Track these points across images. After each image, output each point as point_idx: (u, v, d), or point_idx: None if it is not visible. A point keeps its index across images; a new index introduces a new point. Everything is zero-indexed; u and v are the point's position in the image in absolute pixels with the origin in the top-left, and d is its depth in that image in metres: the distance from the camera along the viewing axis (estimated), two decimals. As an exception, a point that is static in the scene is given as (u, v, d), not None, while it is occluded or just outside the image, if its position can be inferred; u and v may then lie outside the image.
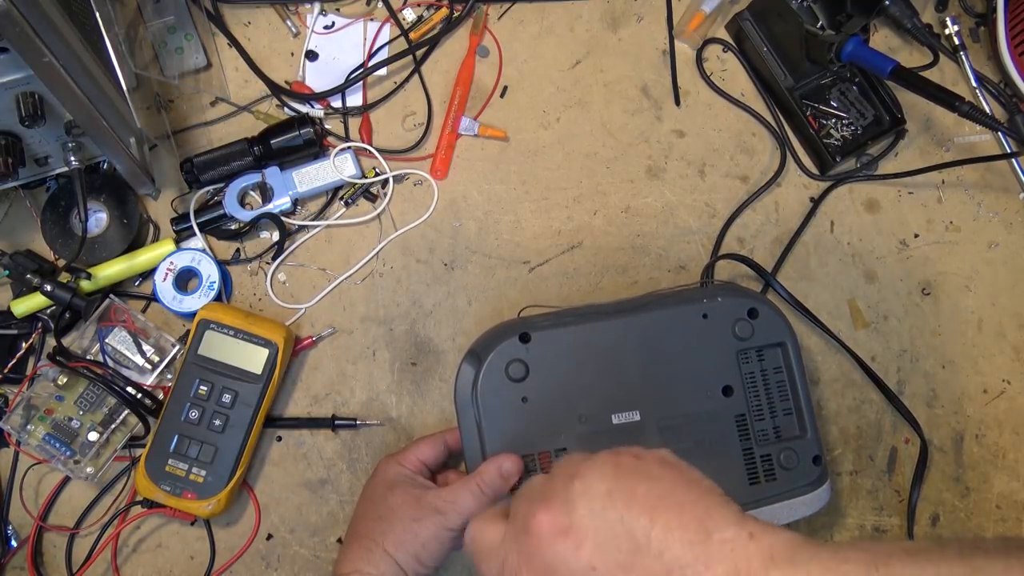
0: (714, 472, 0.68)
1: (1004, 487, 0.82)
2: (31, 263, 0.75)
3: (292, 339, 0.77)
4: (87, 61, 0.64)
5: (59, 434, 0.73)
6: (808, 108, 0.86)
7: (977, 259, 0.86)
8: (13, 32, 0.56)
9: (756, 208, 0.86)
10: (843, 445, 0.82)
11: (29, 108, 0.65)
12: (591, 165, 0.86)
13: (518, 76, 0.87)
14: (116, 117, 0.68)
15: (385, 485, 0.68)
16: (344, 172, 0.82)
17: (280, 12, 0.86)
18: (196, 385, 0.74)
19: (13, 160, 0.68)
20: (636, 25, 0.89)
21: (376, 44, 0.86)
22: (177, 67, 0.82)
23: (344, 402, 0.80)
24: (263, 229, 0.82)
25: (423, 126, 0.85)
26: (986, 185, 0.88)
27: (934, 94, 0.76)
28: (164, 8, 0.82)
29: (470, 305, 0.82)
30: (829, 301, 0.84)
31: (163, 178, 0.82)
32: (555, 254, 0.84)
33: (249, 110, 0.84)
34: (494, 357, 0.67)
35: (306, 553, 0.77)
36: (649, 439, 0.68)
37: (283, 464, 0.78)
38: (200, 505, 0.73)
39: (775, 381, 0.71)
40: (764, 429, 0.70)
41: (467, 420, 0.68)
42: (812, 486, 0.70)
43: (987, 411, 0.83)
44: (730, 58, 0.89)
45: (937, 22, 0.91)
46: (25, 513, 0.75)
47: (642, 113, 0.87)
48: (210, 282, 0.78)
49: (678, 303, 0.71)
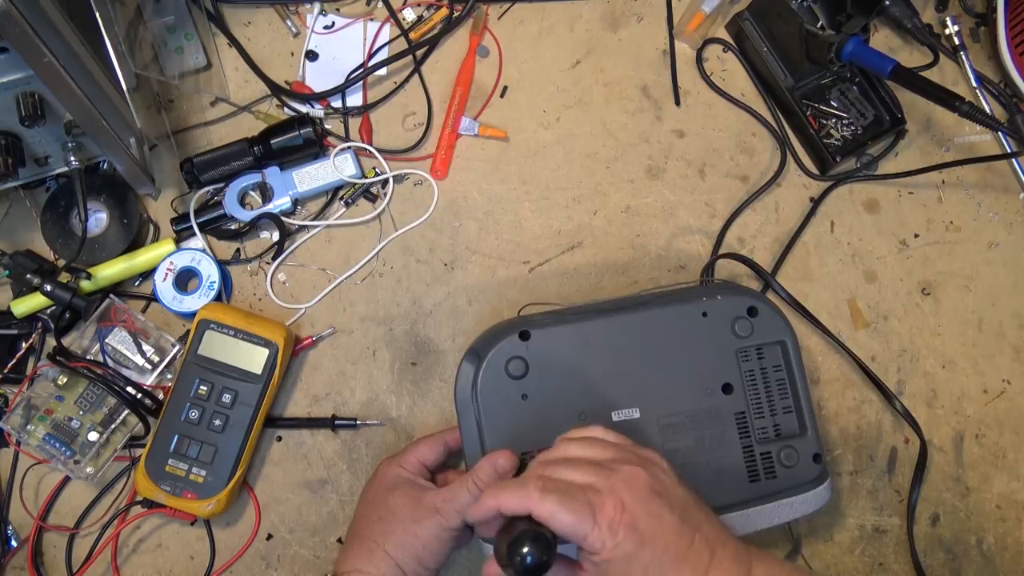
0: (714, 470, 0.68)
1: (1004, 487, 0.82)
2: (31, 263, 0.75)
3: (292, 339, 0.77)
4: (87, 61, 0.64)
5: (59, 434, 0.73)
6: (808, 108, 0.86)
7: (977, 259, 0.86)
8: (13, 32, 0.56)
9: (756, 208, 0.86)
10: (843, 445, 0.81)
11: (29, 108, 0.65)
12: (591, 165, 0.86)
13: (518, 76, 0.87)
14: (116, 117, 0.68)
15: (385, 487, 0.68)
16: (344, 172, 0.82)
17: (280, 12, 0.86)
18: (196, 385, 0.74)
19: (13, 160, 0.68)
20: (636, 25, 0.89)
21: (376, 44, 0.87)
22: (177, 67, 0.82)
23: (344, 402, 0.80)
24: (263, 229, 0.82)
25: (423, 126, 0.85)
26: (986, 185, 0.88)
27: (934, 94, 0.76)
28: (164, 8, 0.82)
29: (470, 305, 0.82)
30: (829, 301, 0.84)
31: (163, 178, 0.82)
32: (555, 254, 0.84)
33: (249, 110, 0.84)
34: (494, 354, 0.67)
35: (306, 553, 0.77)
36: (649, 436, 0.68)
37: (283, 464, 0.78)
38: (200, 505, 0.73)
39: (775, 379, 0.71)
40: (764, 427, 0.70)
41: (467, 417, 0.68)
42: (812, 484, 0.70)
43: (987, 411, 0.83)
44: (730, 58, 0.89)
45: (937, 22, 0.91)
46: (25, 513, 0.75)
47: (642, 113, 0.87)
48: (210, 282, 0.78)
49: (678, 301, 0.71)
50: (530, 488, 0.53)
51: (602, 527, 0.52)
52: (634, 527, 0.52)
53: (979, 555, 0.81)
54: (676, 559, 0.53)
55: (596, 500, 0.53)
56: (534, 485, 0.53)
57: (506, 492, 0.54)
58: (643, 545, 0.52)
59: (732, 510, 0.67)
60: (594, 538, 0.52)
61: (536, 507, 0.52)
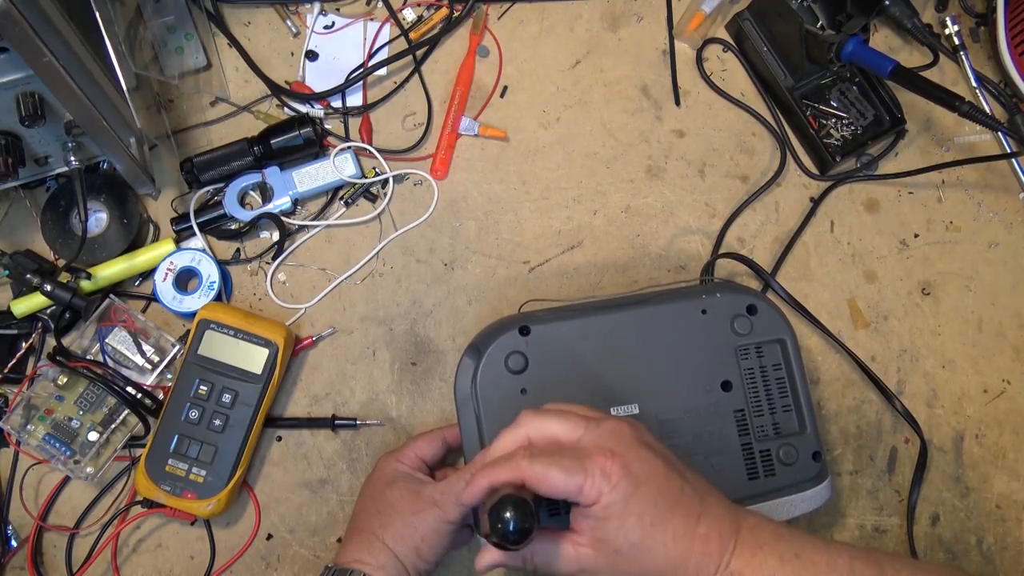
0: (713, 467, 0.68)
1: (1004, 487, 0.82)
2: (31, 263, 0.75)
3: (292, 339, 0.77)
4: (87, 61, 0.64)
5: (59, 434, 0.73)
6: (808, 108, 0.86)
7: (977, 259, 0.86)
8: (13, 32, 0.56)
9: (756, 208, 0.86)
10: (843, 445, 0.81)
11: (29, 108, 0.65)
12: (591, 165, 0.86)
13: (518, 76, 0.87)
14: (116, 117, 0.68)
15: (384, 481, 0.68)
16: (344, 172, 0.82)
17: (280, 12, 0.86)
18: (196, 385, 0.74)
19: (13, 160, 0.68)
20: (636, 25, 0.89)
21: (376, 44, 0.87)
22: (177, 67, 0.82)
23: (344, 402, 0.80)
24: (263, 229, 0.82)
25: (423, 126, 0.85)
26: (986, 185, 0.88)
27: (934, 94, 0.76)
28: (164, 8, 0.82)
29: (470, 305, 0.82)
30: (829, 301, 0.84)
31: (163, 178, 0.82)
32: (555, 254, 0.84)
33: (249, 110, 0.84)
34: (494, 349, 0.67)
35: (306, 553, 0.77)
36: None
37: (283, 464, 0.78)
38: (200, 505, 0.73)
39: (774, 377, 0.71)
40: (763, 425, 0.70)
41: (466, 412, 0.68)
42: (812, 482, 0.70)
43: (987, 411, 0.83)
44: (730, 58, 0.89)
45: (937, 22, 0.91)
46: (25, 513, 0.75)
47: (642, 113, 0.87)
48: (210, 282, 0.78)
49: (677, 299, 0.71)
50: (518, 457, 0.54)
51: (595, 475, 0.52)
52: (627, 469, 0.53)
53: (979, 555, 0.81)
54: (670, 504, 0.53)
55: (584, 452, 0.53)
56: (521, 454, 0.54)
57: (496, 466, 0.54)
58: (638, 487, 0.52)
59: (732, 509, 0.67)
60: (589, 487, 0.52)
61: (527, 472, 0.53)
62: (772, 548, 0.53)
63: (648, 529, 0.52)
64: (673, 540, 0.53)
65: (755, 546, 0.54)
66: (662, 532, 0.52)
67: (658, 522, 0.52)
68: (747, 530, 0.54)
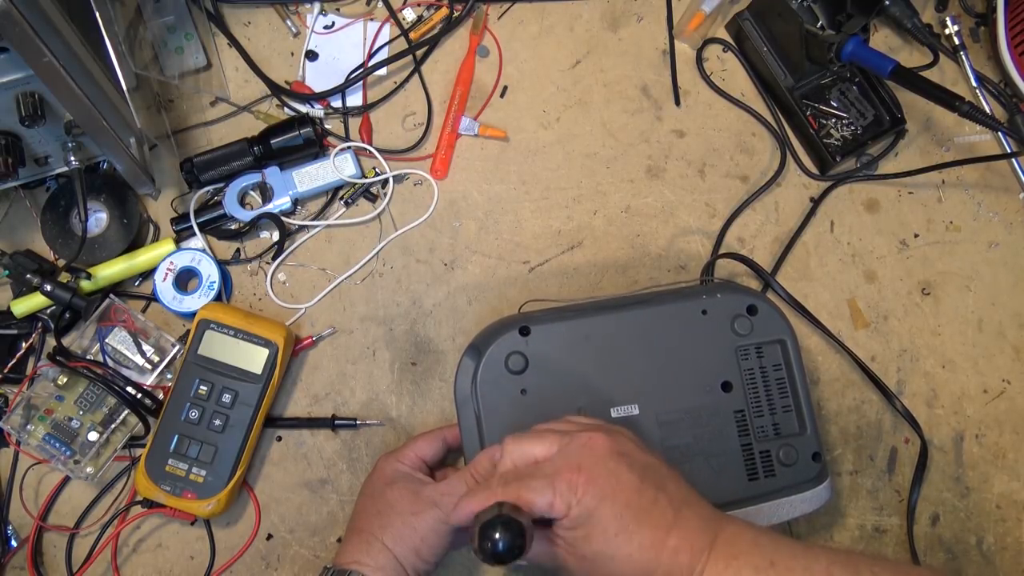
0: (713, 467, 0.68)
1: (1004, 487, 0.82)
2: (31, 263, 0.75)
3: (292, 339, 0.77)
4: (87, 61, 0.64)
5: (59, 434, 0.73)
6: (808, 108, 0.86)
7: (977, 259, 0.86)
8: (13, 32, 0.56)
9: (756, 208, 0.86)
10: (843, 445, 0.81)
11: (29, 108, 0.65)
12: (591, 165, 0.86)
13: (518, 76, 0.87)
14: (116, 117, 0.68)
15: (384, 481, 0.68)
16: (344, 172, 0.82)
17: (280, 12, 0.86)
18: (196, 385, 0.74)
19: (13, 160, 0.68)
20: (636, 25, 0.89)
21: (376, 44, 0.87)
22: (177, 67, 0.82)
23: (344, 402, 0.80)
24: (263, 229, 0.82)
25: (423, 126, 0.85)
26: (986, 185, 0.88)
27: (934, 94, 0.76)
28: (164, 8, 0.82)
29: (470, 305, 0.82)
30: (829, 301, 0.84)
31: (163, 178, 0.82)
32: (555, 254, 0.84)
33: (249, 110, 0.84)
34: (494, 350, 0.68)
35: (306, 553, 0.77)
36: (648, 433, 0.68)
37: (283, 464, 0.78)
38: (200, 505, 0.73)
39: (774, 378, 0.71)
40: (763, 425, 0.70)
41: (466, 412, 0.68)
42: (812, 483, 0.70)
43: (987, 411, 0.83)
44: (730, 58, 0.89)
45: (937, 22, 0.91)
46: (25, 513, 0.75)
47: (642, 113, 0.87)
48: (210, 282, 0.78)
49: (677, 299, 0.71)
50: (493, 484, 0.56)
51: (562, 491, 0.54)
52: (593, 483, 0.54)
53: (979, 555, 0.81)
54: (637, 516, 0.54)
55: (552, 468, 0.55)
56: (497, 480, 0.56)
57: (475, 495, 0.57)
58: (602, 500, 0.54)
59: (731, 508, 0.67)
60: (558, 502, 0.54)
61: (500, 498, 0.55)
62: (747, 559, 0.54)
63: (612, 540, 0.54)
64: (639, 551, 0.54)
65: (730, 557, 0.54)
66: (627, 543, 0.54)
67: (623, 532, 0.54)
68: (723, 541, 0.55)
